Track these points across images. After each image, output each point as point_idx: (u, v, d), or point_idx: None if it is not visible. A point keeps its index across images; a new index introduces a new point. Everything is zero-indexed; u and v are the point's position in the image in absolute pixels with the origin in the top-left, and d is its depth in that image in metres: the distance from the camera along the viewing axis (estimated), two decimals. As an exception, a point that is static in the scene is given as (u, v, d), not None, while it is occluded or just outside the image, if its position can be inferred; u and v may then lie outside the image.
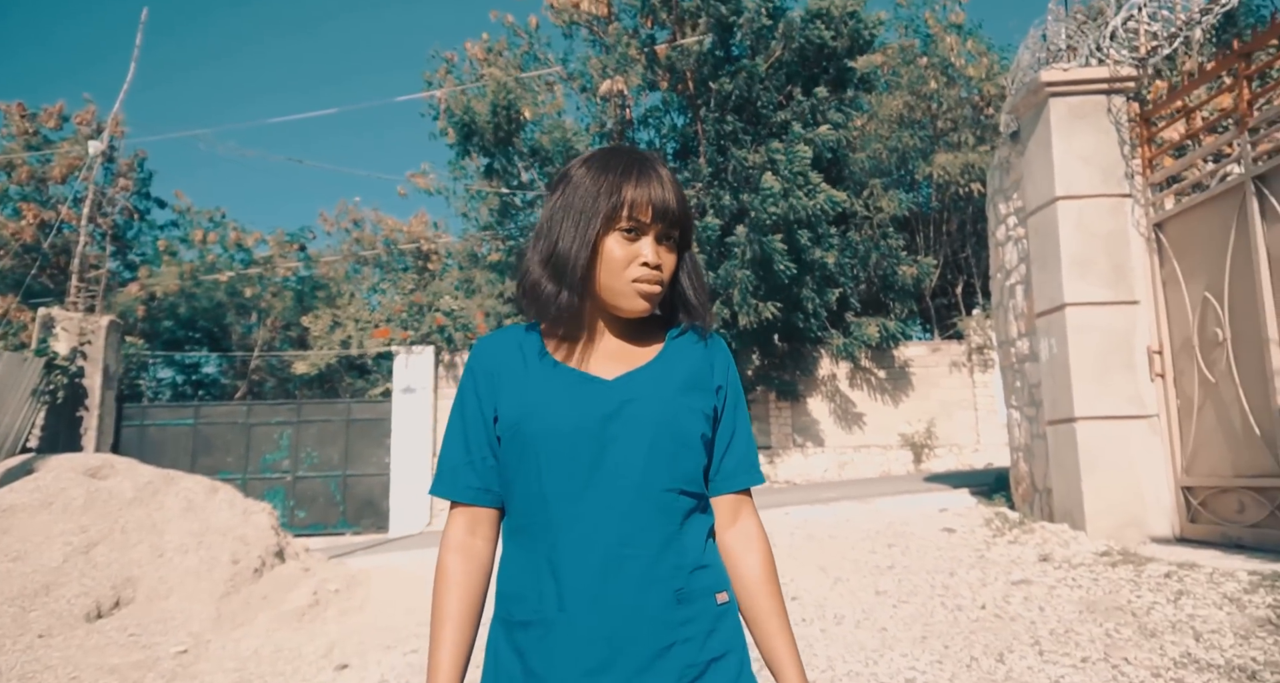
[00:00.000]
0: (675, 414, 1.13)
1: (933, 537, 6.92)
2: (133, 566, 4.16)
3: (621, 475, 1.08)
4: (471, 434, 1.17)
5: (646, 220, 1.12)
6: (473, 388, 1.19)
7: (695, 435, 1.14)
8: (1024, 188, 7.66)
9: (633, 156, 1.17)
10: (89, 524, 4.32)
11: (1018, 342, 8.00)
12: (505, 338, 1.22)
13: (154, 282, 17.35)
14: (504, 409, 1.14)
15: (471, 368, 1.20)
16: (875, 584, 5.32)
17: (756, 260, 12.97)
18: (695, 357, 1.21)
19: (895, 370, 15.84)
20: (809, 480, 14.80)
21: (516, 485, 1.13)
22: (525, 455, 1.11)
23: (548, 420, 1.10)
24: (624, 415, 1.10)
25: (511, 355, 1.19)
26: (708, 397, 1.18)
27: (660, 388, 1.15)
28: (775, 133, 14.27)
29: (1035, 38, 7.97)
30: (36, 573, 3.90)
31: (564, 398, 1.12)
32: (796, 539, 7.00)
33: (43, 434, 8.69)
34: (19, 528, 4.19)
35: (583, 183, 1.15)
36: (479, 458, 1.16)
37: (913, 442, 15.42)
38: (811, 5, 14.51)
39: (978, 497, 8.99)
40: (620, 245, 1.13)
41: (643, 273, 1.12)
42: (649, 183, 1.13)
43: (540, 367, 1.17)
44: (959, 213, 18.73)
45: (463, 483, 1.16)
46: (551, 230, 1.15)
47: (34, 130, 18.44)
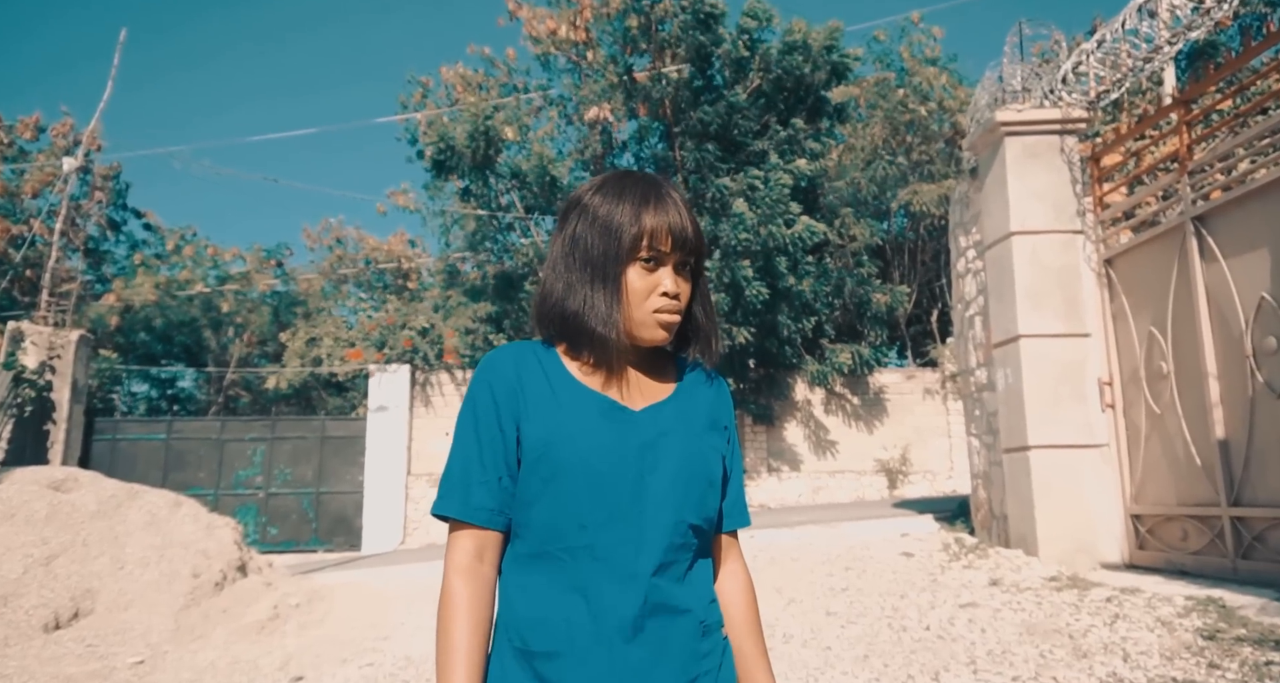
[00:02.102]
0: (703, 453, 1.15)
1: (890, 561, 7.06)
2: (93, 578, 4.23)
3: (659, 507, 1.08)
4: (488, 451, 1.10)
5: (666, 250, 1.12)
6: (491, 402, 1.11)
7: (718, 475, 1.17)
8: (982, 222, 7.91)
9: (647, 183, 1.16)
10: (50, 536, 4.39)
11: (977, 371, 8.21)
12: (525, 354, 1.16)
13: (130, 293, 17.33)
14: (531, 429, 1.09)
15: (488, 381, 1.13)
16: (827, 606, 5.45)
17: (728, 286, 13.19)
18: (709, 396, 1.22)
19: (869, 397, 16.05)
20: (783, 504, 14.91)
21: (538, 510, 1.08)
22: (555, 480, 1.07)
23: (584, 446, 1.07)
24: (659, 449, 1.10)
25: (535, 372, 1.14)
26: (720, 438, 1.20)
27: (688, 425, 1.15)
28: (753, 161, 14.57)
29: (992, 79, 8.28)
30: (-5, 585, 3.97)
31: (601, 425, 1.10)
32: (759, 562, 7.12)
33: (9, 447, 8.69)
34: (-20, 540, 4.26)
35: (599, 213, 1.13)
36: (494, 478, 1.10)
37: (888, 468, 15.59)
38: (789, 38, 14.89)
39: (940, 522, 9.15)
40: (640, 276, 1.11)
41: (663, 303, 1.12)
42: (666, 210, 1.12)
43: (567, 389, 1.13)
44: (934, 242, 19.09)
45: (476, 503, 1.09)
46: (575, 263, 1.13)
47: (9, 141, 18.43)
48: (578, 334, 1.13)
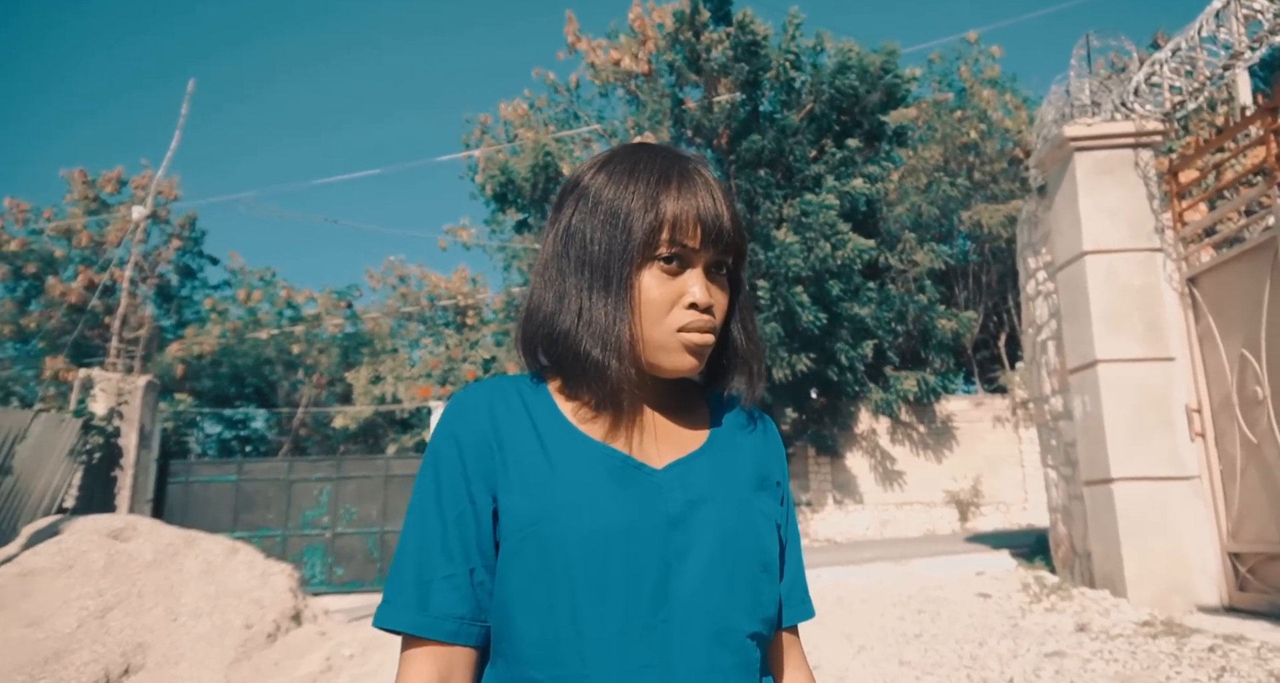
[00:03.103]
0: (752, 524, 0.83)
1: (966, 602, 6.66)
2: (145, 631, 4.23)
3: (697, 611, 0.77)
4: (454, 533, 0.79)
5: (694, 245, 0.82)
6: (457, 462, 0.81)
7: (776, 557, 0.85)
8: (1052, 242, 7.56)
9: (668, 157, 0.86)
10: (106, 588, 4.42)
11: (1051, 399, 7.79)
12: (505, 394, 0.86)
13: (196, 341, 17.97)
14: (513, 500, 0.79)
15: (454, 432, 0.82)
16: (900, 654, 5.13)
17: (782, 313, 12.95)
18: (755, 444, 0.92)
19: (937, 426, 15.50)
20: (850, 539, 14.42)
21: (523, 619, 0.76)
22: (546, 574, 0.76)
23: (588, 521, 0.76)
24: (693, 522, 0.79)
25: (518, 419, 0.83)
26: (773, 500, 0.89)
27: (731, 486, 0.85)
28: (808, 186, 14.37)
29: (1059, 93, 7.97)
30: (49, 639, 3.99)
31: (609, 490, 0.79)
32: (826, 604, 6.80)
33: (79, 494, 8.99)
34: (39, 592, 4.31)
35: (604, 196, 0.83)
36: (463, 570, 0.78)
37: (958, 499, 14.98)
38: (841, 57, 14.71)
39: (1018, 559, 8.66)
40: (659, 282, 0.82)
41: (691, 318, 0.81)
42: (694, 192, 0.82)
43: (563, 441, 0.82)
44: (999, 264, 18.51)
45: (439, 609, 0.77)
46: (569, 265, 0.84)
47: (94, 196, 19.52)
48: (572, 363, 0.83)
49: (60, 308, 18.18)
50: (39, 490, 8.19)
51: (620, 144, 0.93)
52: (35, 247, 18.96)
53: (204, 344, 17.86)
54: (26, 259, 18.87)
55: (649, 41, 16.17)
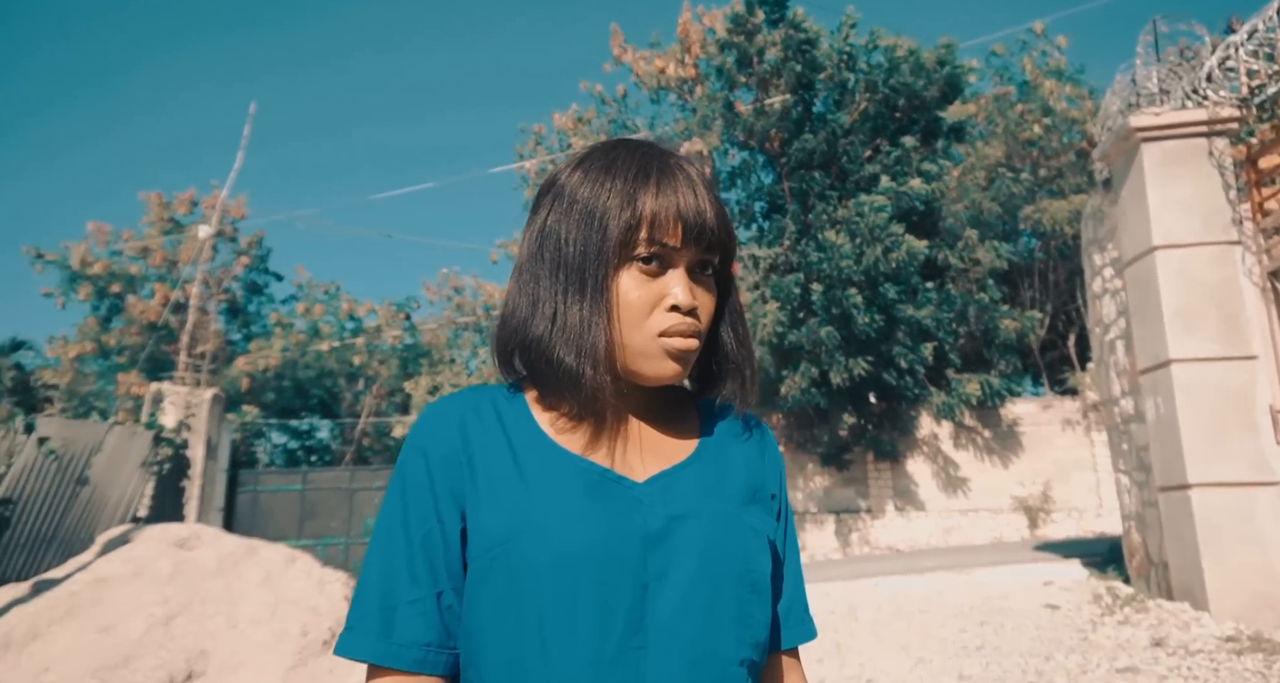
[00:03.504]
0: (743, 543, 0.78)
1: (1032, 614, 6.41)
2: (207, 638, 4.35)
3: (675, 637, 0.72)
4: (420, 555, 0.74)
5: (675, 244, 0.77)
6: (425, 478, 0.76)
7: (768, 576, 0.79)
8: (1119, 238, 7.25)
9: (649, 153, 0.82)
10: (172, 595, 4.57)
11: (1121, 401, 7.46)
12: (478, 404, 0.81)
13: (261, 355, 18.60)
14: (482, 518, 0.74)
15: (422, 446, 0.78)
16: (960, 668, 4.94)
17: (837, 317, 12.72)
18: (748, 453, 0.86)
19: (1002, 430, 15.00)
20: (912, 546, 14.05)
21: (492, 645, 0.72)
22: (515, 597, 0.71)
23: (559, 540, 0.72)
24: (673, 541, 0.74)
25: (490, 432, 0.79)
26: (767, 513, 0.85)
27: (717, 500, 0.79)
28: (863, 186, 14.12)
29: (1123, 83, 7.66)
30: (119, 645, 4.14)
31: (583, 507, 0.74)
32: (884, 614, 6.62)
33: (151, 503, 9.39)
34: (110, 598, 4.49)
35: (579, 194, 0.79)
36: (431, 594, 0.74)
37: (1027, 506, 14.46)
38: (894, 55, 14.44)
39: (1090, 568, 8.31)
40: (639, 283, 0.77)
41: (673, 321, 0.77)
42: (674, 188, 0.78)
43: (537, 454, 0.78)
44: (1067, 262, 17.86)
45: (403, 636, 0.73)
46: (544, 268, 0.80)
47: (168, 217, 20.45)
48: (545, 371, 0.79)
49: (139, 325, 19.05)
50: (114, 500, 8.57)
51: (600, 141, 0.87)
52: (115, 267, 19.91)
53: (269, 358, 18.48)
54: (110, 279, 19.82)
55: (694, 47, 16.16)
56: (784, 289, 13.09)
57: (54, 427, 7.27)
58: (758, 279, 13.94)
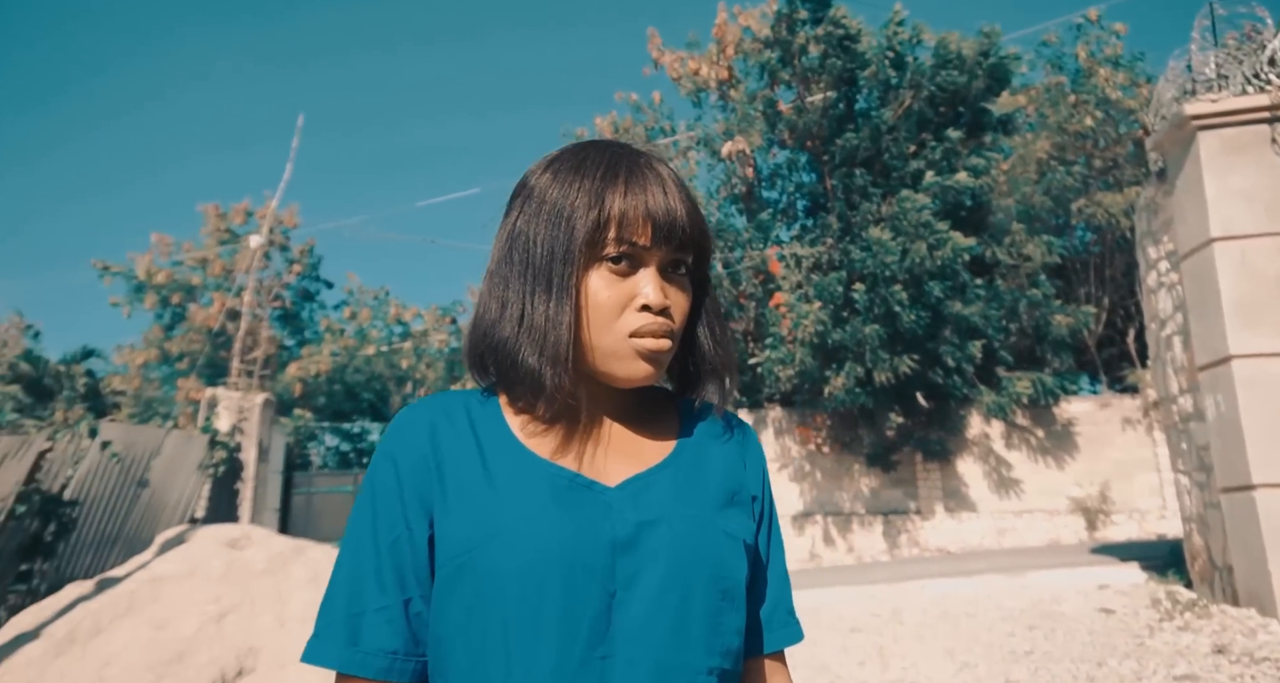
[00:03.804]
0: (716, 548, 0.77)
1: (1086, 618, 6.22)
2: (256, 635, 4.49)
3: (641, 646, 0.71)
4: (388, 561, 0.74)
5: (644, 243, 0.76)
6: (394, 486, 0.76)
7: (742, 582, 0.78)
8: (1175, 230, 7.01)
9: (616, 150, 0.81)
10: (223, 594, 4.73)
11: (1179, 398, 7.20)
12: (450, 409, 0.81)
13: (312, 360, 19.14)
14: (448, 525, 0.74)
15: (391, 453, 0.77)
16: (1007, 673, 4.83)
17: (882, 315, 12.52)
18: (727, 455, 0.85)
19: (1057, 430, 14.59)
20: (964, 548, 13.76)
21: (459, 653, 0.71)
22: (480, 605, 0.71)
23: (524, 548, 0.71)
24: (643, 547, 0.73)
25: (461, 438, 0.78)
26: (746, 516, 0.83)
27: (691, 504, 0.78)
28: (907, 183, 13.89)
29: (1177, 69, 7.40)
30: (174, 641, 4.30)
31: (550, 513, 0.73)
32: (929, 617, 6.49)
33: (208, 505, 9.75)
34: (166, 596, 4.67)
35: (548, 195, 0.79)
36: (398, 601, 0.73)
37: (1085, 507, 14.04)
38: (941, 52, 14.17)
39: (1149, 572, 8.02)
40: (608, 283, 0.77)
41: (644, 321, 0.76)
42: (644, 187, 0.77)
43: (506, 460, 0.77)
44: (1124, 255, 17.29)
45: (370, 644, 0.72)
46: (513, 270, 0.80)
47: (225, 227, 21.16)
48: (510, 372, 0.79)
49: (199, 332, 19.76)
50: (172, 502, 8.91)
51: (572, 142, 0.86)
52: (178, 277, 20.69)
53: (319, 363, 18.99)
54: (172, 289, 20.61)
55: (729, 48, 16.07)
56: (827, 288, 12.94)
57: (116, 431, 7.59)
58: (800, 278, 13.81)
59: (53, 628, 4.43)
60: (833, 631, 6.19)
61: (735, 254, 15.00)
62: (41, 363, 11.62)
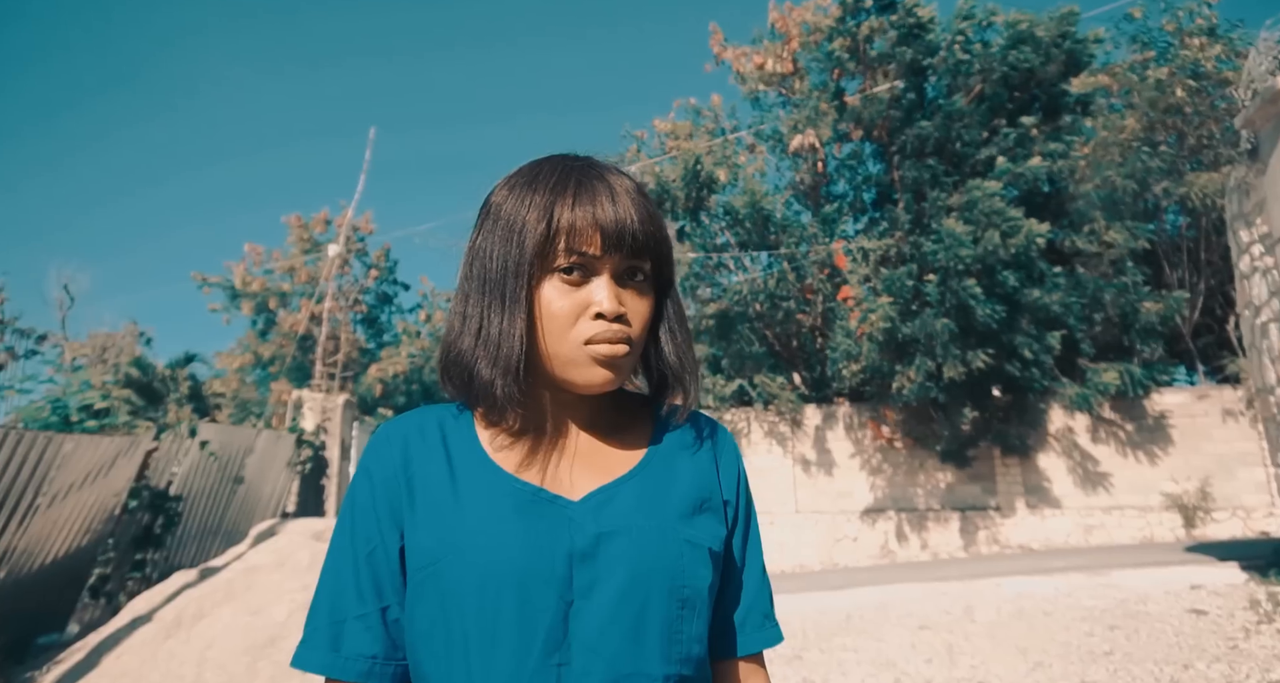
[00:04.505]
0: (676, 557, 0.78)
1: (1174, 619, 5.98)
2: (340, 622, 4.75)
3: (596, 655, 0.73)
4: (365, 572, 0.78)
5: (595, 252, 0.79)
6: (369, 501, 0.80)
7: (703, 590, 0.79)
8: (1269, 211, 6.66)
9: (568, 164, 0.83)
10: (310, 583, 5.03)
11: (1277, 389, 6.84)
12: (423, 425, 0.84)
13: (390, 361, 19.88)
14: (416, 538, 0.78)
15: (368, 469, 0.82)
16: (1083, 673, 4.70)
17: (954, 308, 12.19)
18: (698, 462, 0.87)
19: (1148, 423, 13.94)
20: (1048, 546, 13.31)
21: (427, 661, 0.76)
22: (444, 615, 0.75)
23: (482, 560, 0.74)
24: (601, 558, 0.76)
25: (431, 454, 0.82)
26: (716, 522, 0.84)
27: (654, 514, 0.80)
28: (979, 171, 13.49)
29: (1270, 41, 7.04)
30: (267, 626, 4.61)
31: (509, 526, 0.76)
32: (1003, 615, 6.35)
33: (297, 500, 10.28)
34: (259, 585, 4.99)
35: (503, 211, 0.82)
36: (376, 610, 0.78)
37: (1181, 504, 13.38)
38: (1012, 32, 13.72)
39: (1250, 572, 7.64)
40: (561, 293, 0.79)
41: (599, 329, 0.78)
42: (593, 198, 0.79)
43: (473, 475, 0.80)
44: (1221, 238, 16.36)
45: (350, 649, 0.77)
46: (472, 285, 0.83)
47: (308, 236, 22.15)
48: (469, 384, 0.81)
49: (289, 336, 20.78)
50: (265, 497, 9.44)
51: (532, 159, 0.88)
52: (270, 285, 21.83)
53: (397, 364, 19.71)
54: (266, 296, 21.79)
55: (793, 40, 15.88)
56: (895, 281, 12.69)
57: (211, 431, 8.11)
58: (868, 272, 13.58)
59: (163, 612, 4.82)
60: (900, 627, 6.13)
61: (801, 249, 14.85)
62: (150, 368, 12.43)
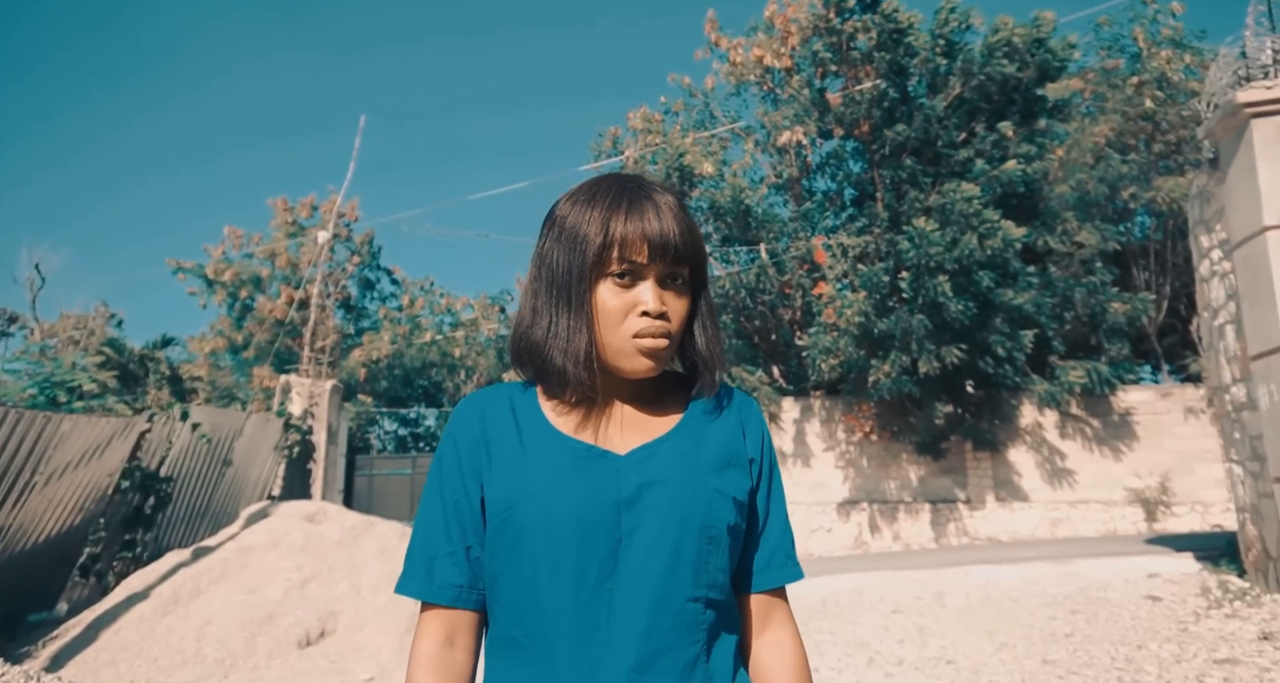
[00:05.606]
0: (706, 502, 0.94)
1: (1131, 605, 6.28)
2: (335, 601, 4.89)
3: (640, 581, 0.89)
4: (452, 517, 0.96)
5: (642, 260, 0.94)
6: (454, 460, 0.97)
7: (725, 530, 0.95)
8: (1227, 218, 6.96)
9: (622, 184, 0.99)
10: (304, 563, 5.15)
11: (1233, 388, 7.15)
12: (496, 398, 1.02)
13: (373, 346, 19.85)
14: (493, 489, 0.94)
15: (453, 434, 0.99)
16: (1045, 653, 4.96)
17: (928, 305, 12.47)
18: (726, 425, 1.02)
19: (1114, 419, 14.36)
20: (1015, 538, 13.69)
21: (504, 586, 0.93)
22: (517, 550, 0.91)
23: (548, 505, 0.91)
24: (644, 503, 0.92)
25: (503, 421, 0.99)
26: (742, 476, 1.00)
27: (688, 468, 0.95)
28: (957, 172, 13.77)
29: (1230, 56, 7.31)
30: (264, 604, 4.73)
31: (568, 478, 0.92)
32: (971, 601, 6.62)
33: (283, 483, 10.35)
34: (254, 564, 5.10)
35: (566, 223, 0.97)
36: (461, 548, 0.95)
37: (1143, 498, 13.82)
38: (991, 38, 13.99)
39: (1203, 562, 7.99)
40: (614, 294, 0.95)
41: (644, 324, 0.94)
42: (641, 214, 0.94)
43: (538, 437, 0.97)
44: (1186, 241, 16.84)
45: (441, 579, 0.95)
46: (542, 285, 0.99)
47: (292, 220, 21.99)
48: (543, 369, 0.98)
49: (268, 322, 20.64)
50: (253, 480, 9.50)
51: (591, 177, 1.04)
52: (244, 273, 21.61)
53: (380, 349, 19.70)
54: (240, 285, 21.57)
55: (791, 37, 16.02)
56: (872, 278, 12.95)
57: (203, 414, 8.14)
58: (845, 268, 13.82)
59: (160, 590, 4.91)
60: (874, 612, 6.37)
61: (781, 243, 15.06)
62: (126, 350, 12.33)
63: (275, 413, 10.64)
